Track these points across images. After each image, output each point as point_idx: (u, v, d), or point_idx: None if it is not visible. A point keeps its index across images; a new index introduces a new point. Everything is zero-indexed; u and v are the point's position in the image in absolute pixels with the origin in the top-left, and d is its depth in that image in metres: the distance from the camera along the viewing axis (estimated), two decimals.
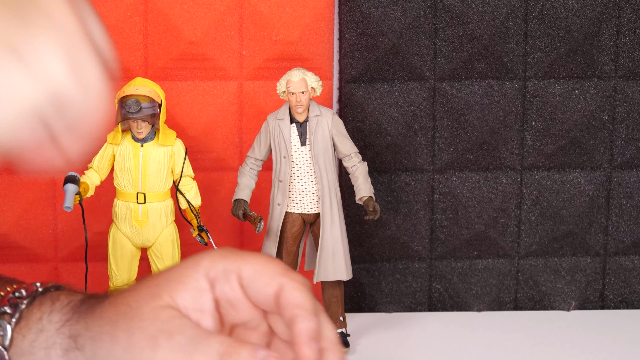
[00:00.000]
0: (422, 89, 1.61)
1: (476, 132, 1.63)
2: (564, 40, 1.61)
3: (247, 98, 1.61)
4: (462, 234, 1.66)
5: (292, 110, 1.48)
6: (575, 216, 1.67)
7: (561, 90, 1.63)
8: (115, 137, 1.49)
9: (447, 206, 1.65)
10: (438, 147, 1.63)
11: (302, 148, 1.48)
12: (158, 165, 1.48)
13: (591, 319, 1.66)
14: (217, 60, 1.60)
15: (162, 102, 1.47)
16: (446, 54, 1.60)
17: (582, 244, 1.68)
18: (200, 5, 1.58)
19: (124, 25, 1.57)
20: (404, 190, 1.64)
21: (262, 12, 1.59)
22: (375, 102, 1.61)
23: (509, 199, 1.66)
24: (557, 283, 1.69)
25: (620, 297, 1.70)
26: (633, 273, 1.70)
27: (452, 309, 1.68)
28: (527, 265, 1.68)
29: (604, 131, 1.65)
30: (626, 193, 1.67)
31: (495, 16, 1.59)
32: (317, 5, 1.59)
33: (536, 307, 1.69)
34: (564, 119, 1.64)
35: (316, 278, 1.49)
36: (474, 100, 1.62)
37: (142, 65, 1.59)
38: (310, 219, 1.50)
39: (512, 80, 1.62)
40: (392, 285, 1.67)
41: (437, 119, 1.62)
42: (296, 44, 1.60)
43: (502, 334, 1.59)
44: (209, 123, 1.62)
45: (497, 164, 1.65)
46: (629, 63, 1.63)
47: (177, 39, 1.58)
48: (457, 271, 1.67)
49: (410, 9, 1.58)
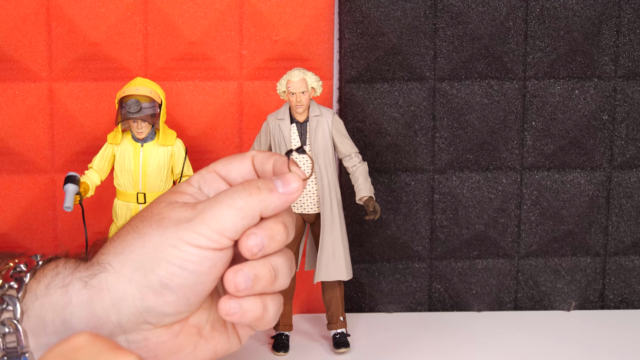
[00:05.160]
0: (422, 89, 1.61)
1: (476, 132, 1.63)
2: (564, 40, 1.61)
3: (247, 98, 1.62)
4: (462, 234, 1.66)
5: (292, 110, 1.48)
6: (575, 216, 1.67)
7: (561, 90, 1.63)
8: (115, 137, 1.49)
9: (447, 206, 1.65)
10: (438, 147, 1.63)
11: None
12: (158, 165, 1.48)
13: (591, 319, 1.66)
14: (217, 60, 1.60)
15: (162, 102, 1.47)
16: (446, 54, 1.60)
17: (582, 244, 1.68)
18: (200, 5, 1.58)
19: (124, 25, 1.57)
20: (404, 190, 1.64)
21: (262, 12, 1.59)
22: (375, 102, 1.61)
23: (509, 199, 1.66)
24: (557, 283, 1.69)
25: (620, 297, 1.70)
26: (633, 273, 1.70)
27: (452, 309, 1.68)
28: (527, 265, 1.68)
29: (604, 131, 1.65)
30: (626, 193, 1.67)
31: (495, 16, 1.60)
32: (317, 5, 1.59)
33: (536, 307, 1.69)
34: (564, 119, 1.64)
35: (316, 278, 1.49)
36: (474, 100, 1.62)
37: (142, 65, 1.59)
38: (310, 219, 1.50)
39: (512, 80, 1.62)
40: (392, 285, 1.67)
41: (437, 119, 1.62)
42: (296, 44, 1.60)
43: (502, 334, 1.59)
44: (209, 123, 1.62)
45: (497, 164, 1.65)
46: (629, 63, 1.63)
47: (177, 39, 1.58)
48: (457, 271, 1.68)
49: (410, 9, 1.58)
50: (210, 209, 0.81)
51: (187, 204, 0.83)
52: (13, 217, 1.62)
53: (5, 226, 1.62)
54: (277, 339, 1.51)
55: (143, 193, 1.48)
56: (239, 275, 0.84)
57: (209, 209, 0.81)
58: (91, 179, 1.50)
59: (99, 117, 1.60)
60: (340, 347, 1.50)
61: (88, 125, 1.60)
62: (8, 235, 1.62)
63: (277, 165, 0.86)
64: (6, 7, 1.55)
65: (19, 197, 1.61)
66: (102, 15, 1.57)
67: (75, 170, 1.58)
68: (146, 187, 1.48)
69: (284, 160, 0.86)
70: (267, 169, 0.87)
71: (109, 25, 1.57)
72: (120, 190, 1.50)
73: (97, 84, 1.59)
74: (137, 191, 1.48)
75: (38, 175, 1.61)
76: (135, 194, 1.48)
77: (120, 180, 1.49)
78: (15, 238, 1.62)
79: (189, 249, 0.80)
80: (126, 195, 1.49)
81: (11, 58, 1.57)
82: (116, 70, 1.59)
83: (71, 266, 0.84)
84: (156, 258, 0.80)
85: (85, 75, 1.59)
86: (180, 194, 0.87)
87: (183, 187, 0.87)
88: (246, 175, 0.88)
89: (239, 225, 0.82)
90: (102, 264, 0.83)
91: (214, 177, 0.87)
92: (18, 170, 1.61)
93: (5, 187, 1.61)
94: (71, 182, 1.44)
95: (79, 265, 0.85)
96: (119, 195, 1.50)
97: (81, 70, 1.58)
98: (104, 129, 1.60)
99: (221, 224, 0.81)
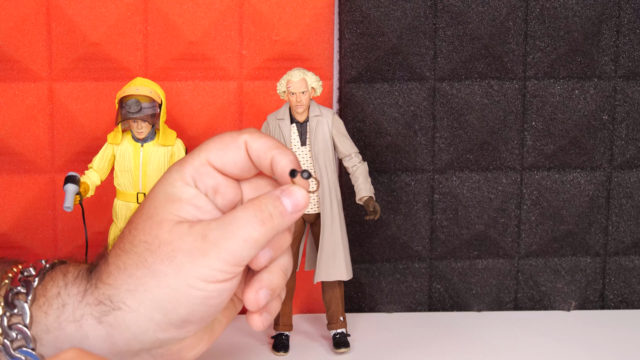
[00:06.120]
0: (422, 89, 1.61)
1: (476, 132, 1.63)
2: (564, 40, 1.61)
3: (247, 98, 1.61)
4: (462, 234, 1.66)
5: (292, 110, 1.48)
6: (575, 216, 1.67)
7: (561, 90, 1.63)
8: (115, 137, 1.49)
9: (447, 206, 1.65)
10: (438, 147, 1.63)
11: (302, 148, 1.48)
12: (158, 165, 1.48)
13: (591, 319, 1.66)
14: (217, 60, 1.60)
15: (162, 102, 1.47)
16: (446, 54, 1.60)
17: (582, 244, 1.68)
18: (200, 5, 1.58)
19: (124, 25, 1.57)
20: (404, 190, 1.64)
21: (262, 12, 1.59)
22: (375, 102, 1.61)
23: (509, 199, 1.66)
24: (557, 283, 1.69)
25: (620, 297, 1.70)
26: (633, 273, 1.70)
27: (452, 309, 1.68)
28: (527, 265, 1.68)
29: (604, 131, 1.65)
30: (626, 193, 1.67)
31: (495, 16, 1.59)
32: (317, 5, 1.59)
33: (536, 307, 1.69)
34: (564, 119, 1.64)
35: (316, 278, 1.49)
36: (474, 100, 1.62)
37: (142, 65, 1.59)
38: (310, 219, 1.50)
39: (512, 80, 1.62)
40: (392, 285, 1.67)
41: (437, 119, 1.62)
42: (296, 44, 1.60)
43: (502, 334, 1.59)
44: (209, 123, 1.62)
45: (497, 164, 1.65)
46: (629, 63, 1.63)
47: (177, 39, 1.58)
48: (457, 271, 1.67)
49: (410, 9, 1.58)
50: (224, 241, 0.79)
51: (194, 230, 0.80)
52: (13, 217, 1.62)
53: (5, 226, 1.62)
54: (277, 339, 1.51)
55: (143, 193, 1.48)
56: (260, 294, 0.83)
57: (223, 242, 0.79)
58: (91, 179, 1.50)
59: (99, 117, 1.60)
60: (340, 347, 1.50)
61: (88, 125, 1.60)
62: (8, 235, 1.62)
63: (279, 174, 0.84)
64: (6, 7, 1.55)
65: (19, 197, 1.61)
66: (102, 15, 1.57)
67: (75, 170, 1.58)
68: (146, 187, 1.48)
69: (286, 169, 0.83)
70: (264, 164, 0.84)
71: (109, 25, 1.57)
72: (120, 190, 1.50)
73: (97, 84, 1.59)
74: (137, 191, 1.48)
75: (38, 175, 1.61)
76: (135, 194, 1.48)
77: (120, 180, 1.49)
78: (15, 238, 1.62)
79: (208, 286, 0.79)
80: (126, 195, 1.49)
81: (11, 58, 1.57)
82: (116, 70, 1.59)
83: (75, 292, 0.83)
84: (176, 299, 0.79)
85: (85, 75, 1.59)
86: (179, 202, 0.83)
87: (180, 189, 0.84)
88: (243, 166, 0.85)
89: (254, 254, 0.81)
90: (114, 302, 0.81)
91: (209, 171, 0.84)
92: (18, 170, 1.61)
93: (5, 187, 1.61)
94: (71, 182, 1.44)
95: (85, 293, 0.83)
96: (119, 195, 1.50)
97: (81, 70, 1.58)
98: (104, 129, 1.59)
99: (237, 257, 0.80)
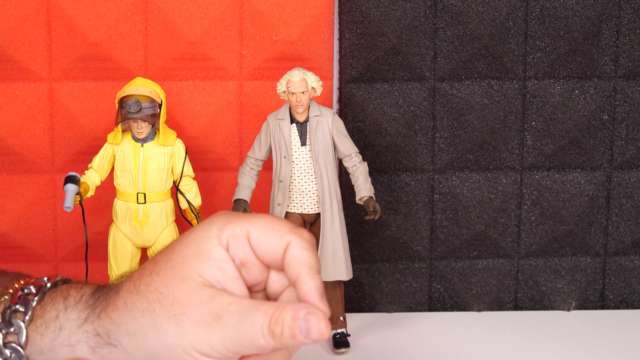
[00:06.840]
0: (422, 89, 1.61)
1: (476, 132, 1.63)
2: (564, 40, 1.61)
3: (247, 98, 1.62)
4: (462, 234, 1.66)
5: (293, 110, 1.48)
6: (575, 216, 1.67)
7: (561, 90, 1.63)
8: (115, 137, 1.49)
9: (447, 206, 1.65)
10: (438, 147, 1.63)
11: (302, 148, 1.48)
12: (158, 165, 1.48)
13: (591, 319, 1.66)
14: (217, 60, 1.60)
15: (162, 102, 1.47)
16: (446, 54, 1.60)
17: (582, 244, 1.68)
18: (200, 5, 1.58)
19: (124, 25, 1.57)
20: (404, 190, 1.64)
21: (262, 12, 1.59)
22: (375, 102, 1.61)
23: (509, 199, 1.66)
24: (557, 283, 1.69)
25: (620, 297, 1.70)
26: (633, 273, 1.70)
27: (452, 309, 1.68)
28: (527, 265, 1.68)
29: (604, 131, 1.65)
30: (626, 193, 1.67)
31: (495, 16, 1.59)
32: (317, 5, 1.59)
33: (536, 307, 1.69)
34: (564, 119, 1.64)
35: None
36: (474, 100, 1.62)
37: (142, 65, 1.59)
38: (310, 219, 1.50)
39: (512, 80, 1.62)
40: (392, 285, 1.67)
41: (437, 119, 1.62)
42: (296, 44, 1.60)
43: (502, 334, 1.59)
44: (209, 123, 1.62)
45: (497, 164, 1.65)
46: (629, 63, 1.63)
47: (177, 39, 1.58)
48: (457, 271, 1.68)
49: (410, 9, 1.58)
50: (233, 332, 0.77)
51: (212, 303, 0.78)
52: (13, 217, 1.62)
53: (5, 226, 1.62)
54: None
55: (143, 193, 1.48)
56: None
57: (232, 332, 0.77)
58: (91, 179, 1.50)
59: (99, 117, 1.60)
60: (340, 347, 1.50)
61: (88, 125, 1.60)
62: (8, 235, 1.62)
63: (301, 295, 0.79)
64: (6, 7, 1.55)
65: (19, 197, 1.61)
66: (102, 15, 1.57)
67: (75, 170, 1.58)
68: (146, 187, 1.48)
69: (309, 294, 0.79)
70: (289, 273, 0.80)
71: (109, 25, 1.57)
72: (120, 190, 1.50)
73: (97, 84, 1.59)
74: (137, 191, 1.48)
75: (38, 175, 1.61)
76: (136, 194, 1.48)
77: (120, 180, 1.49)
78: (15, 238, 1.62)
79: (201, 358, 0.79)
80: (126, 195, 1.49)
81: (11, 58, 1.57)
82: (116, 70, 1.59)
83: (75, 317, 0.83)
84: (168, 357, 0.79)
85: (85, 75, 1.59)
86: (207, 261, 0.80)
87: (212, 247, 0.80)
88: (276, 259, 0.82)
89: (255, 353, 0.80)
90: (112, 338, 0.81)
91: (244, 244, 0.81)
92: (18, 170, 1.61)
93: (5, 187, 1.61)
94: (71, 182, 1.44)
95: (85, 320, 0.83)
96: (119, 195, 1.50)
97: (81, 70, 1.58)
98: (104, 129, 1.59)
99: (238, 350, 0.79)
